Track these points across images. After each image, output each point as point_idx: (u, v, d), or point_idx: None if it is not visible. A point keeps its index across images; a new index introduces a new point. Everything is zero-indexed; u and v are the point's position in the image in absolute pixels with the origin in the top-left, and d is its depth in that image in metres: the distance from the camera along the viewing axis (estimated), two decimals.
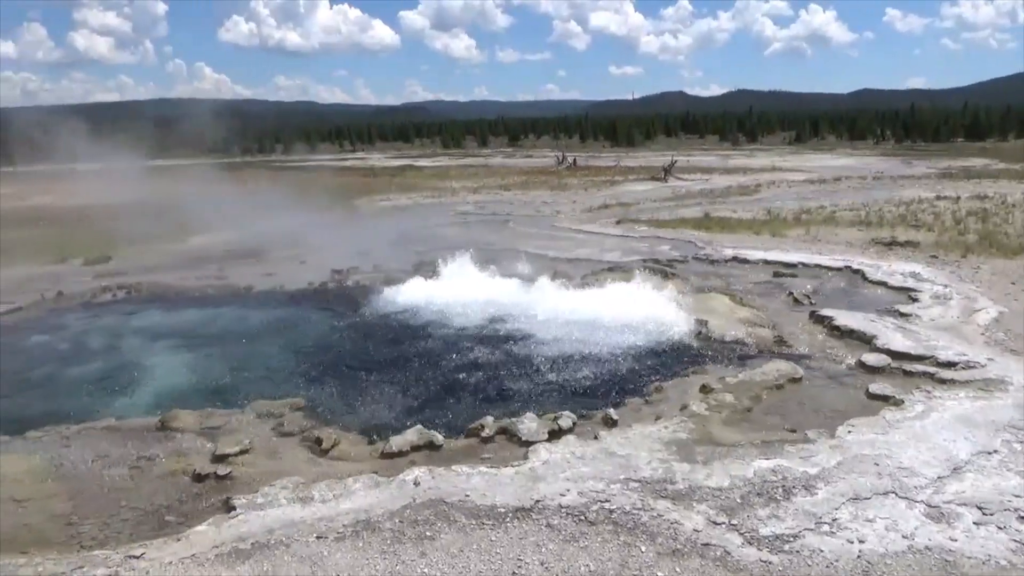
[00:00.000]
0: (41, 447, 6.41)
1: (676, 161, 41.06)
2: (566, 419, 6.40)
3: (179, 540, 4.78)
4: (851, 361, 8.12)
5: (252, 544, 4.69)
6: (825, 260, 13.45)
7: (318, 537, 4.74)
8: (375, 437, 6.48)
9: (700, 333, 9.30)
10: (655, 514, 4.90)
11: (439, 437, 6.20)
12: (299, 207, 24.05)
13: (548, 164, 50.02)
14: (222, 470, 5.73)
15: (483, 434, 6.26)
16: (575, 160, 49.35)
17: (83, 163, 33.06)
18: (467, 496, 5.19)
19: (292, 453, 6.22)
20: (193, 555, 4.58)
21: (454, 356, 8.89)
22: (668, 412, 6.76)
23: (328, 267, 13.68)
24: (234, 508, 5.14)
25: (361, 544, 4.65)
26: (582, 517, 4.88)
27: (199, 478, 5.68)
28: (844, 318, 9.46)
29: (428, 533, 4.76)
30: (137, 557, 4.57)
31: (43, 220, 21.45)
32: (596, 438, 6.11)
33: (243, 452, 6.05)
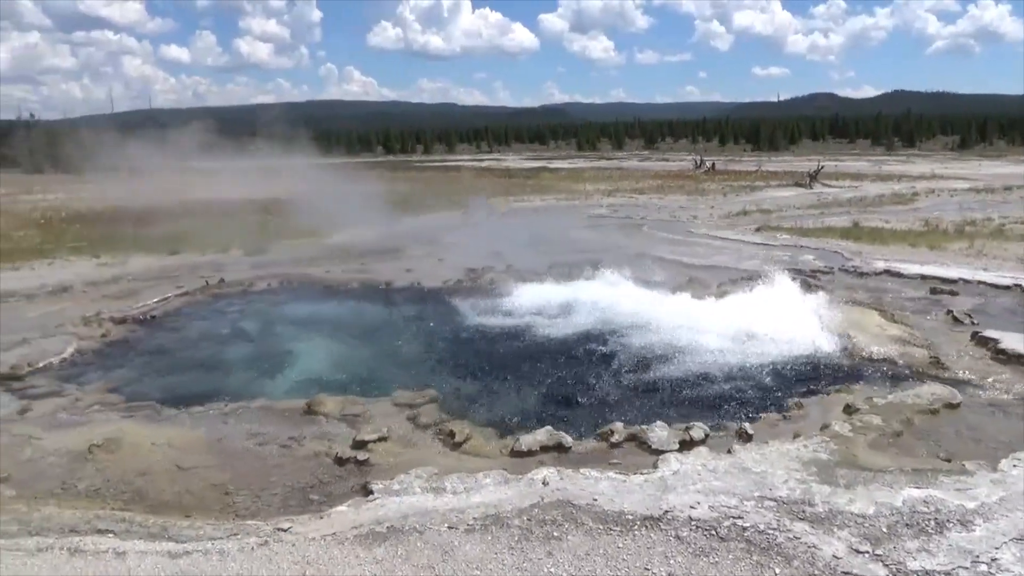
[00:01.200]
0: (204, 421, 7.00)
1: (823, 166, 39.05)
2: (698, 430, 6.25)
3: (322, 518, 5.07)
4: (1019, 389, 7.42)
5: (387, 528, 4.90)
6: (991, 277, 12.36)
7: (449, 527, 4.89)
8: (504, 434, 6.61)
9: (845, 349, 8.81)
10: (791, 536, 4.70)
11: (568, 439, 6.23)
12: (437, 206, 24.89)
13: (685, 168, 48.97)
14: (361, 455, 6.02)
15: (612, 439, 6.23)
16: (713, 164, 48.03)
17: (242, 161, 35.81)
18: (595, 500, 5.18)
19: (426, 444, 6.45)
20: (334, 533, 4.85)
21: (583, 359, 8.90)
22: (808, 430, 6.45)
23: (463, 266, 14.04)
24: (372, 492, 5.40)
25: (490, 538, 4.75)
26: (713, 532, 4.75)
27: (340, 461, 6.00)
28: (1012, 341, 8.65)
29: (555, 533, 4.79)
30: (285, 530, 4.89)
31: (208, 212, 23.31)
32: (730, 452, 5.92)
33: (381, 440, 6.33)
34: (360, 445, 6.23)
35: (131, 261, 15.83)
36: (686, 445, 6.06)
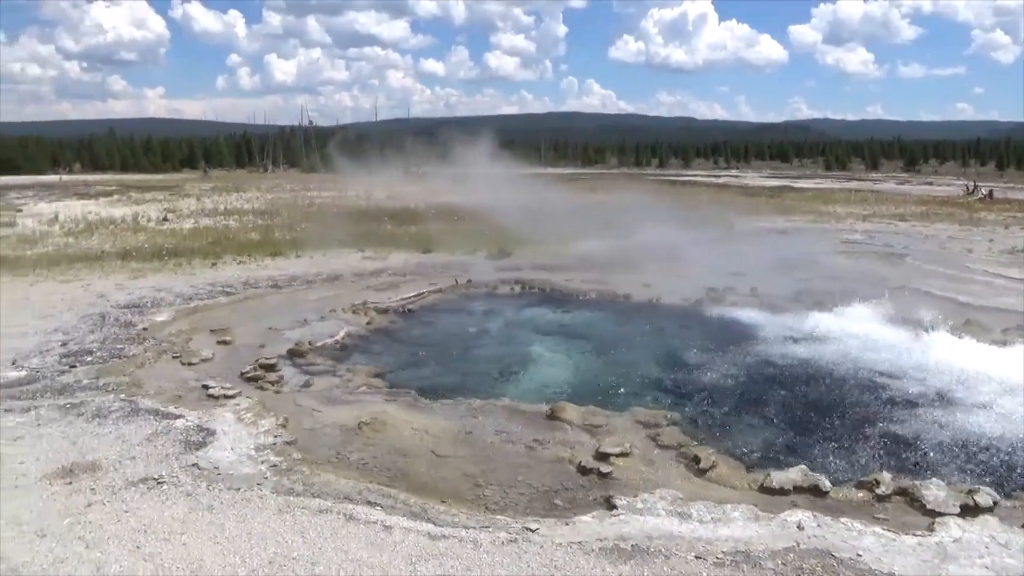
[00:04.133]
0: (455, 414, 7.43)
1: None
2: (985, 496, 5.48)
3: (567, 524, 5.15)
4: None
5: (632, 546, 4.85)
6: None
7: (696, 557, 4.73)
8: (752, 467, 6.30)
9: None
10: None
11: (825, 482, 5.76)
12: (674, 221, 24.47)
13: (954, 194, 43.71)
14: (604, 468, 6.04)
15: (877, 491, 5.66)
16: (991, 191, 42.34)
17: (485, 168, 37.86)
18: (859, 555, 4.74)
19: (668, 466, 6.32)
20: (580, 542, 4.90)
21: (838, 396, 8.23)
22: None
23: (703, 284, 13.65)
24: (615, 507, 5.39)
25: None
26: None
27: (583, 471, 6.06)
28: None
29: None
30: (532, 531, 5.04)
31: (457, 216, 24.95)
32: None
33: (623, 455, 6.31)
34: (602, 457, 6.25)
35: (391, 257, 17.36)
36: (969, 511, 5.34)
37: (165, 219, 25.31)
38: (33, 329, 10.48)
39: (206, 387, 7.98)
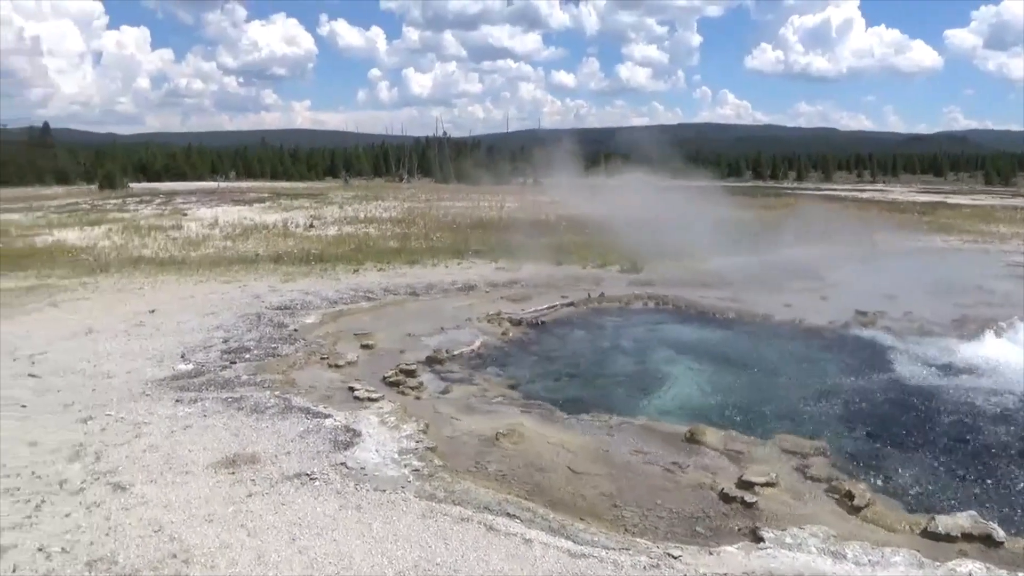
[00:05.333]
0: (591, 430, 7.39)
1: None
2: None
3: (711, 554, 4.99)
4: None
5: None
6: None
7: None
8: (913, 508, 5.86)
9: None
10: None
11: (999, 532, 5.27)
12: (815, 238, 23.31)
13: None
14: (749, 497, 5.80)
15: None
16: None
17: (614, 180, 37.62)
18: None
19: (818, 500, 5.99)
20: (725, 574, 4.73)
21: (1007, 436, 7.52)
22: None
23: (850, 306, 12.89)
24: (762, 540, 5.16)
25: None
26: None
27: (726, 498, 5.85)
28: None
29: None
30: (675, 557, 4.91)
31: (588, 228, 24.89)
32: None
33: (768, 485, 6.04)
34: (746, 486, 6.01)
35: (523, 268, 17.56)
36: None
37: (311, 226, 26.82)
38: (198, 326, 11.38)
39: (352, 389, 8.35)
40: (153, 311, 12.36)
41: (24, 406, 7.72)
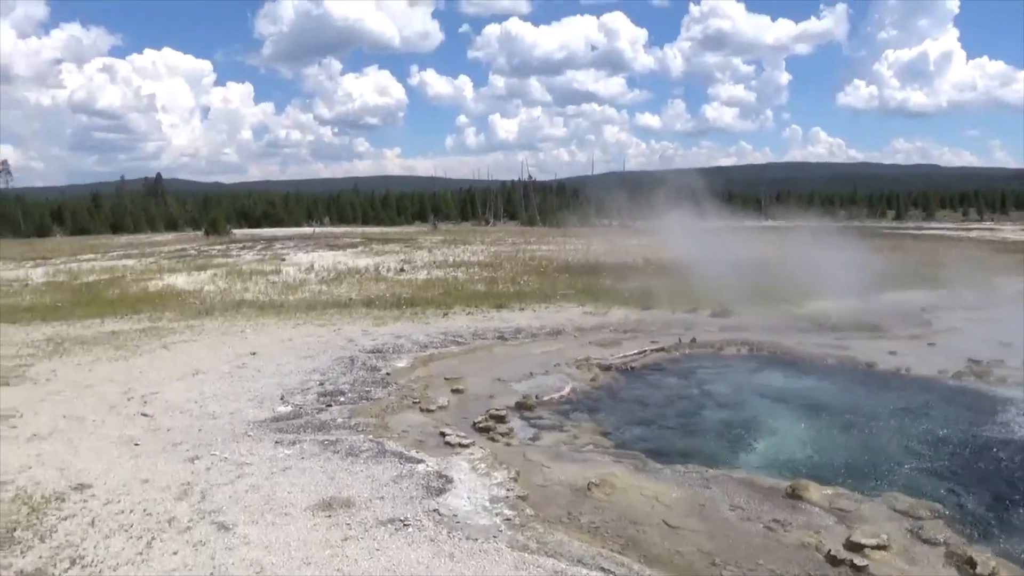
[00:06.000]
0: (686, 482, 7.17)
1: None
2: None
3: None
4: None
5: None
6: None
7: None
8: None
9: None
10: None
11: None
12: (920, 281, 22.23)
13: None
14: (858, 560, 5.48)
15: None
16: None
17: (703, 221, 36.95)
18: None
19: (934, 565, 5.59)
20: None
21: None
22: None
23: (962, 355, 12.16)
24: None
25: None
26: None
27: (833, 561, 5.54)
28: None
29: None
30: None
31: (676, 271, 24.49)
32: None
33: (879, 547, 5.69)
34: (855, 548, 5.68)
35: (611, 312, 17.43)
36: None
37: (402, 270, 27.52)
38: (296, 368, 11.77)
39: (443, 434, 8.42)
40: (254, 353, 12.88)
41: (137, 444, 8.14)
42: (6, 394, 10.28)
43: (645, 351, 13.02)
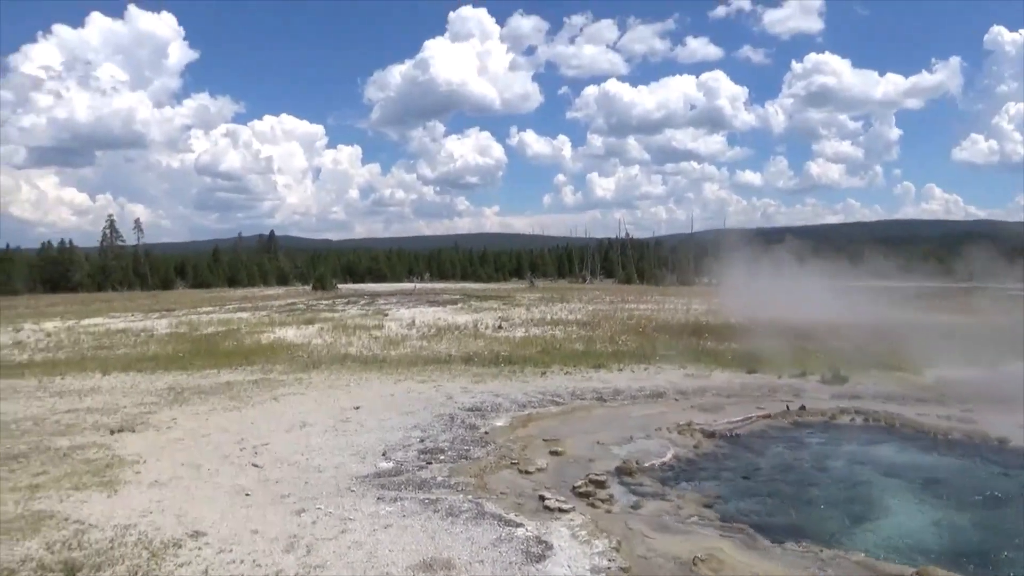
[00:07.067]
0: (799, 562, 6.77)
1: None
2: None
3: None
4: None
5: None
6: None
7: None
8: None
9: None
10: None
11: None
12: None
13: None
14: None
15: None
16: None
17: (809, 280, 35.58)
18: None
19: None
20: None
21: None
22: None
23: None
24: None
25: None
26: None
27: None
28: None
29: None
30: None
31: (782, 332, 23.61)
32: None
33: None
34: None
35: (714, 375, 16.93)
36: None
37: (500, 327, 27.77)
38: (397, 424, 11.98)
39: (542, 498, 8.32)
40: (358, 408, 13.22)
41: (248, 494, 8.44)
42: (131, 440, 10.93)
43: (751, 417, 12.53)
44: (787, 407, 13.21)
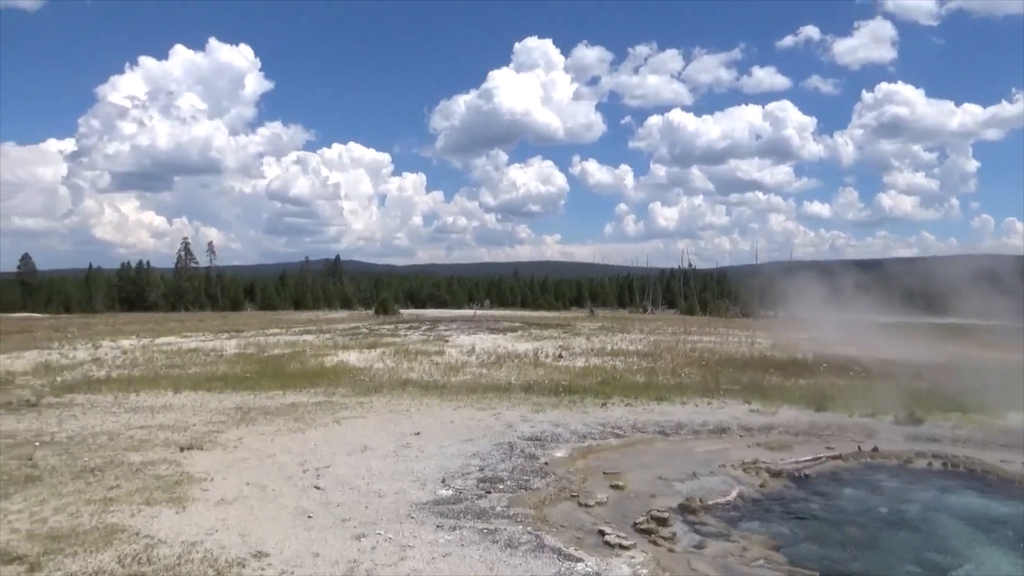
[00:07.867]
0: None
1: None
2: None
3: None
4: None
5: None
6: None
7: None
8: None
9: None
10: None
11: None
12: None
13: None
14: None
15: None
16: None
17: (882, 316, 34.33)
18: None
19: None
20: None
21: None
22: None
23: None
24: None
25: None
26: None
27: None
28: None
29: None
30: None
31: (854, 370, 22.82)
32: None
33: None
34: None
35: (780, 412, 16.42)
36: None
37: (560, 356, 27.63)
38: (457, 451, 11.98)
39: (602, 532, 8.17)
40: (418, 433, 13.29)
41: (311, 516, 8.54)
42: (200, 458, 11.23)
43: (820, 458, 12.07)
44: (859, 448, 12.69)
